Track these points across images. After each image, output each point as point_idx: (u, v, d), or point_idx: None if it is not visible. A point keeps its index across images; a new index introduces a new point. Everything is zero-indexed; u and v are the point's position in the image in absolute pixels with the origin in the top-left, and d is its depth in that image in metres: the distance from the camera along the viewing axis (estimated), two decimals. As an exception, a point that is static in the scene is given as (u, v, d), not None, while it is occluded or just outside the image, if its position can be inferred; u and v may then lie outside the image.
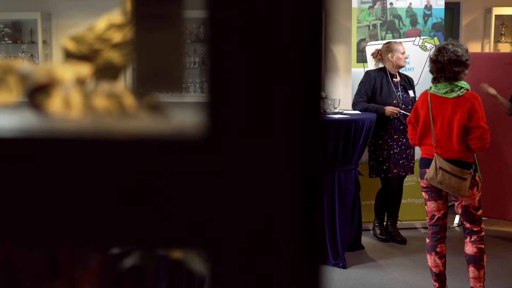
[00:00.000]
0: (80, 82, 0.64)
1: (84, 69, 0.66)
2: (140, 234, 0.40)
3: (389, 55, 4.98)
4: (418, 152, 3.99)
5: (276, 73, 0.36)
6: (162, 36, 0.39)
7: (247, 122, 0.37)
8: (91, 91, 0.60)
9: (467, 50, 3.63)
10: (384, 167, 5.00)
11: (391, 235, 5.18)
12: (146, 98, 0.60)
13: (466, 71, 3.60)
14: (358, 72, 5.42)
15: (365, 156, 5.10)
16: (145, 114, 0.60)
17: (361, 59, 5.53)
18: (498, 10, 6.90)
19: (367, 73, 5.10)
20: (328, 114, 4.78)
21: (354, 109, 5.01)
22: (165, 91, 0.40)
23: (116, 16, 0.75)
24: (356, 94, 5.06)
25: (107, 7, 0.87)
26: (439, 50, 3.61)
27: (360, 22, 5.53)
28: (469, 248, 3.69)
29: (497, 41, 7.05)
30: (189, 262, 0.75)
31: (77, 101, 0.58)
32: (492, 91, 4.75)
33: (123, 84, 0.66)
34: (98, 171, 0.39)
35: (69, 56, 0.72)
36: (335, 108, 4.96)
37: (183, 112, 0.46)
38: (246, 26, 0.36)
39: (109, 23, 0.74)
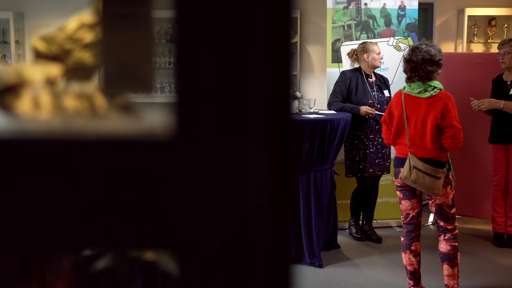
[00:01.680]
0: (50, 82, 0.63)
1: (54, 69, 0.65)
2: (111, 235, 0.39)
3: (365, 55, 5.01)
4: (394, 152, 4.02)
5: (246, 73, 0.36)
6: (132, 36, 0.39)
7: (217, 122, 0.36)
8: (61, 92, 0.59)
9: (440, 50, 3.67)
10: (361, 167, 5.03)
11: (367, 234, 5.22)
12: (117, 99, 0.60)
13: (439, 71, 3.65)
14: (333, 72, 5.45)
15: (340, 156, 5.13)
16: (116, 115, 0.59)
17: (336, 59, 5.56)
18: (471, 11, 6.99)
19: (343, 73, 5.13)
20: (304, 114, 4.80)
21: (329, 109, 5.04)
22: (134, 91, 0.40)
23: (87, 16, 0.74)
24: (331, 94, 5.08)
25: (82, 7, 0.86)
26: (413, 50, 3.65)
27: (335, 23, 5.55)
28: (443, 246, 3.73)
29: (469, 41, 7.14)
30: (162, 263, 0.74)
31: (47, 101, 0.57)
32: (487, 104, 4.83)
33: (95, 85, 0.65)
34: (68, 173, 0.39)
35: (39, 56, 0.71)
36: (310, 108, 4.98)
37: (156, 113, 0.46)
38: (216, 26, 0.36)
39: (80, 23, 0.73)
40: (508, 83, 4.89)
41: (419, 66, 3.59)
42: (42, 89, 0.60)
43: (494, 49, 6.90)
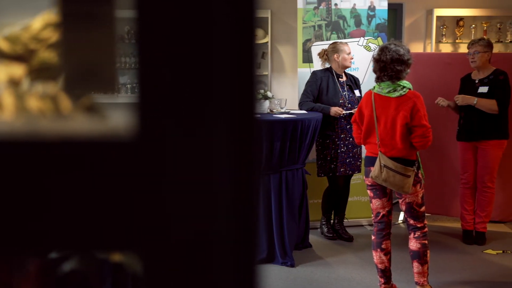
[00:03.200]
0: (14, 82, 0.62)
1: (18, 70, 0.64)
2: (76, 237, 0.39)
3: (335, 55, 5.04)
4: (365, 151, 4.05)
5: (209, 73, 0.36)
6: (94, 36, 0.38)
7: (181, 123, 0.36)
8: (25, 92, 0.58)
9: (409, 51, 3.71)
10: (332, 166, 5.06)
11: (338, 233, 5.25)
12: (82, 99, 0.59)
13: (408, 70, 3.69)
14: (304, 72, 5.48)
15: (312, 156, 5.15)
16: (80, 115, 0.58)
17: (307, 59, 5.58)
18: (439, 12, 7.09)
19: (314, 73, 5.15)
20: (275, 113, 4.81)
21: (300, 109, 5.06)
22: (97, 91, 0.39)
23: (52, 16, 0.73)
24: (302, 94, 5.11)
25: (48, 6, 0.84)
26: (382, 50, 3.68)
27: (305, 23, 5.58)
28: (413, 244, 3.78)
29: (438, 41, 7.23)
30: (131, 265, 0.74)
31: (10, 102, 0.57)
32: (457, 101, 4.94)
33: (59, 85, 0.64)
34: (31, 174, 0.38)
35: (3, 56, 0.70)
36: (281, 108, 5.00)
37: (122, 113, 0.46)
38: (178, 26, 0.36)
39: (45, 22, 0.72)
40: (477, 81, 4.96)
41: (388, 65, 3.63)
42: (5, 90, 0.59)
43: (462, 49, 7.00)
